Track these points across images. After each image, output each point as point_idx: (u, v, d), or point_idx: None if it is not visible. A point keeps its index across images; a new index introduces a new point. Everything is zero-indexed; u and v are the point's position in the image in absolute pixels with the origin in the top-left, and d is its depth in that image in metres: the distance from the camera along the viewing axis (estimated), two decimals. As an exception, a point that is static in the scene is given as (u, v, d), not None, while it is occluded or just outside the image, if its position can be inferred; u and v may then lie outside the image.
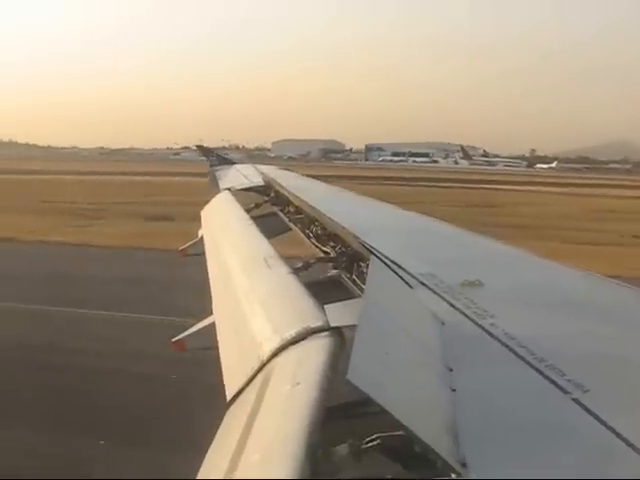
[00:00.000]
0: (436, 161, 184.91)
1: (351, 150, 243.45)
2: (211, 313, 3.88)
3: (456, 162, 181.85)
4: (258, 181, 9.71)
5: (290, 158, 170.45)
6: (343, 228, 4.47)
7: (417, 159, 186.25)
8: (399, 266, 3.27)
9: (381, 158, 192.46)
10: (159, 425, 10.66)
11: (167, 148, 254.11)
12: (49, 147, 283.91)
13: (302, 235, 5.40)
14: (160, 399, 11.80)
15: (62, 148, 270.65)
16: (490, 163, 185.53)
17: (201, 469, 1.85)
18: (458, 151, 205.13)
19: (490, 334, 2.20)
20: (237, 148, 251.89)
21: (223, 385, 2.54)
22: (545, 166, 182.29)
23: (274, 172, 11.73)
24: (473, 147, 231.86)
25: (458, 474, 1.36)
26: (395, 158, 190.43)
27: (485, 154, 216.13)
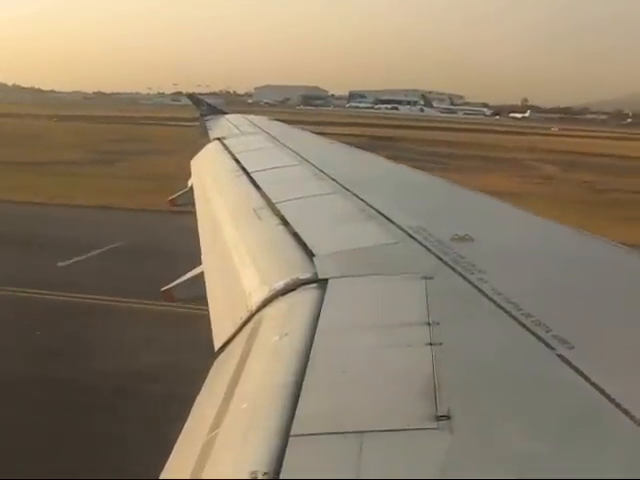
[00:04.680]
0: (396, 108, 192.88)
1: (332, 96, 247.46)
2: (200, 263, 3.87)
3: (422, 110, 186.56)
4: (248, 131, 9.60)
5: (267, 104, 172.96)
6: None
7: (387, 106, 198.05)
8: (388, 219, 3.26)
9: (348, 105, 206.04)
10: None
11: (158, 93, 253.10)
12: (52, 91, 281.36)
13: None
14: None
15: (60, 92, 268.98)
16: (451, 111, 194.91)
17: (188, 419, 1.86)
18: (419, 99, 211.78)
19: (478, 289, 2.21)
20: (227, 93, 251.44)
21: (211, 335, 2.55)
22: (518, 115, 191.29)
23: (264, 123, 11.60)
24: (457, 95, 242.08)
25: (441, 426, 1.38)
26: (361, 105, 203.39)
27: (452, 102, 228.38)
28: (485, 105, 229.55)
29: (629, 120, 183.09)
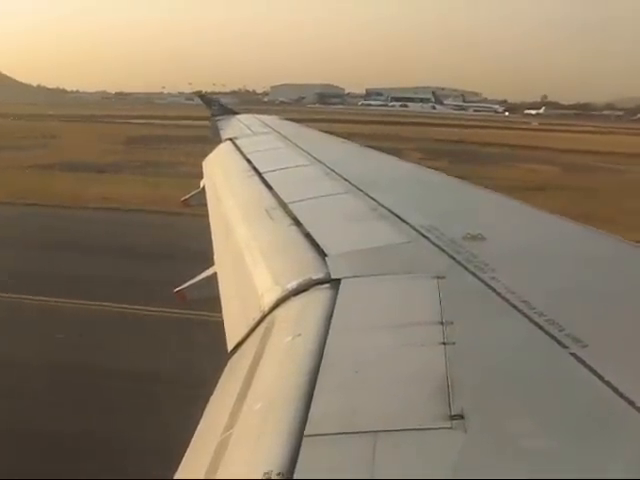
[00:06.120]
0: (406, 106, 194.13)
1: (349, 94, 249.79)
2: (213, 264, 3.89)
3: (433, 107, 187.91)
4: (260, 131, 9.62)
5: (282, 103, 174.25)
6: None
7: (397, 103, 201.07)
8: (400, 218, 3.26)
9: (360, 103, 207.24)
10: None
11: (179, 92, 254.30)
12: (76, 92, 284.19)
13: None
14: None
15: (83, 93, 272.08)
16: (462, 108, 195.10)
17: (202, 419, 1.87)
18: (431, 96, 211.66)
19: (491, 288, 2.20)
20: (246, 92, 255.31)
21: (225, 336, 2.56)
22: (533, 112, 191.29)
23: (275, 122, 11.61)
24: (473, 92, 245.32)
25: (455, 426, 1.38)
26: (374, 103, 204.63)
27: (464, 99, 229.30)
28: (504, 102, 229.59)
29: (639, 115, 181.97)
